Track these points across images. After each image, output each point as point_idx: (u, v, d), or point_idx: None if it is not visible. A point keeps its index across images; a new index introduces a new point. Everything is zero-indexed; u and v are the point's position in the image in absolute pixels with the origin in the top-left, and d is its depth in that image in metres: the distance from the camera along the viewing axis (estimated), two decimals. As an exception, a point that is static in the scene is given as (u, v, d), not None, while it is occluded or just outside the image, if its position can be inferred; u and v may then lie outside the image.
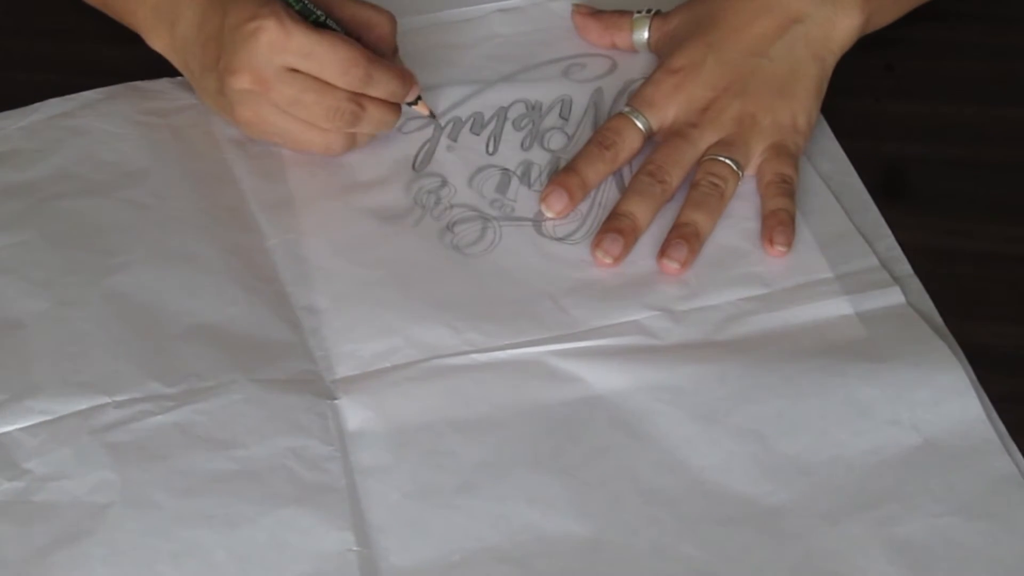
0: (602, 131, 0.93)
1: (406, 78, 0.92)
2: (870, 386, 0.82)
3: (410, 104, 0.94)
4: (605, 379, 0.83)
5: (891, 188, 0.92)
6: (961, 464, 0.78)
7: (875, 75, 0.98)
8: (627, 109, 0.93)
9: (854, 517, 0.77)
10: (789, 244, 0.88)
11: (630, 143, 0.92)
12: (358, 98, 0.90)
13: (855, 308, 0.85)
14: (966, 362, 0.82)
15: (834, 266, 0.87)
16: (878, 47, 0.97)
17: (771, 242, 0.88)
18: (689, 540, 0.77)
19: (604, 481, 0.79)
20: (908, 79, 0.98)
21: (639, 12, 0.99)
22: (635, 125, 0.92)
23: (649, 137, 0.93)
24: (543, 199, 0.91)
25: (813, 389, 0.82)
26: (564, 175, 0.91)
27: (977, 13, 1.01)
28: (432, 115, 0.96)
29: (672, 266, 0.88)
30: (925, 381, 0.82)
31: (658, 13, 0.99)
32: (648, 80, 0.94)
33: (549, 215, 0.91)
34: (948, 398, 0.81)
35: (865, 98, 0.97)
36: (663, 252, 0.88)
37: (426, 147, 0.95)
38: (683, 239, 0.88)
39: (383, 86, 0.90)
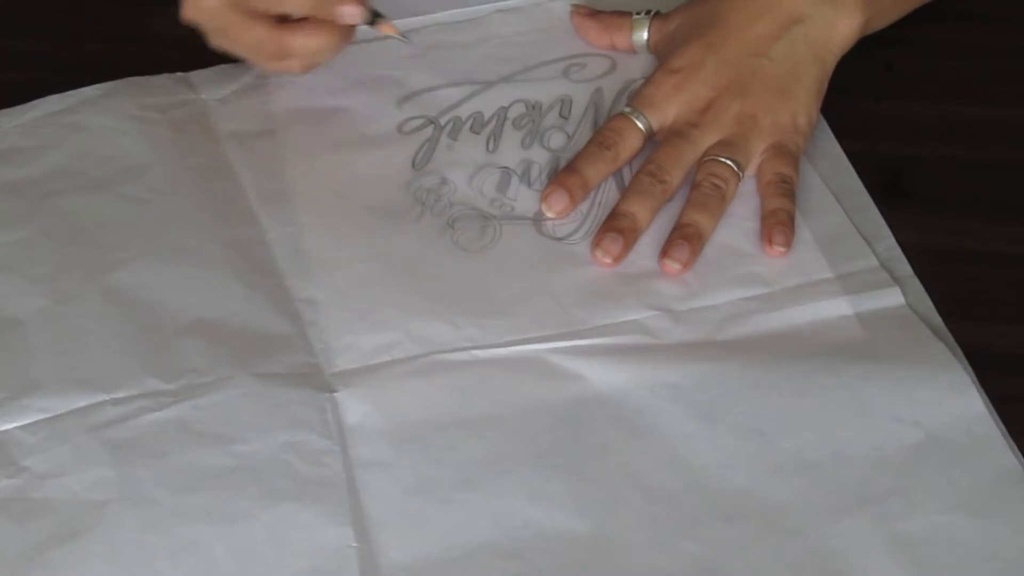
0: (602, 131, 0.92)
1: None
2: (871, 385, 0.81)
3: (370, 25, 0.93)
4: (606, 377, 0.83)
5: (891, 188, 0.92)
6: (963, 460, 0.78)
7: (875, 75, 0.98)
8: (627, 109, 0.93)
9: (855, 513, 0.77)
10: (788, 244, 0.88)
11: (630, 143, 0.92)
12: (279, 34, 0.90)
13: (854, 308, 0.85)
14: (966, 362, 0.82)
15: (834, 266, 0.87)
16: (878, 47, 0.96)
17: (770, 242, 0.88)
18: (689, 536, 0.77)
19: (604, 478, 0.79)
20: (908, 79, 0.98)
21: (638, 13, 0.99)
22: (635, 125, 0.92)
23: (649, 137, 0.93)
24: (544, 199, 0.91)
25: (813, 387, 0.82)
26: (565, 175, 0.91)
27: (977, 13, 1.00)
28: (402, 36, 0.95)
29: (674, 267, 0.87)
30: (926, 381, 0.81)
31: (658, 14, 0.99)
32: (648, 80, 0.94)
33: (550, 215, 0.91)
34: (949, 396, 0.81)
35: (865, 98, 0.97)
36: (665, 252, 0.88)
37: (426, 146, 0.95)
38: (685, 239, 0.88)
39: None
